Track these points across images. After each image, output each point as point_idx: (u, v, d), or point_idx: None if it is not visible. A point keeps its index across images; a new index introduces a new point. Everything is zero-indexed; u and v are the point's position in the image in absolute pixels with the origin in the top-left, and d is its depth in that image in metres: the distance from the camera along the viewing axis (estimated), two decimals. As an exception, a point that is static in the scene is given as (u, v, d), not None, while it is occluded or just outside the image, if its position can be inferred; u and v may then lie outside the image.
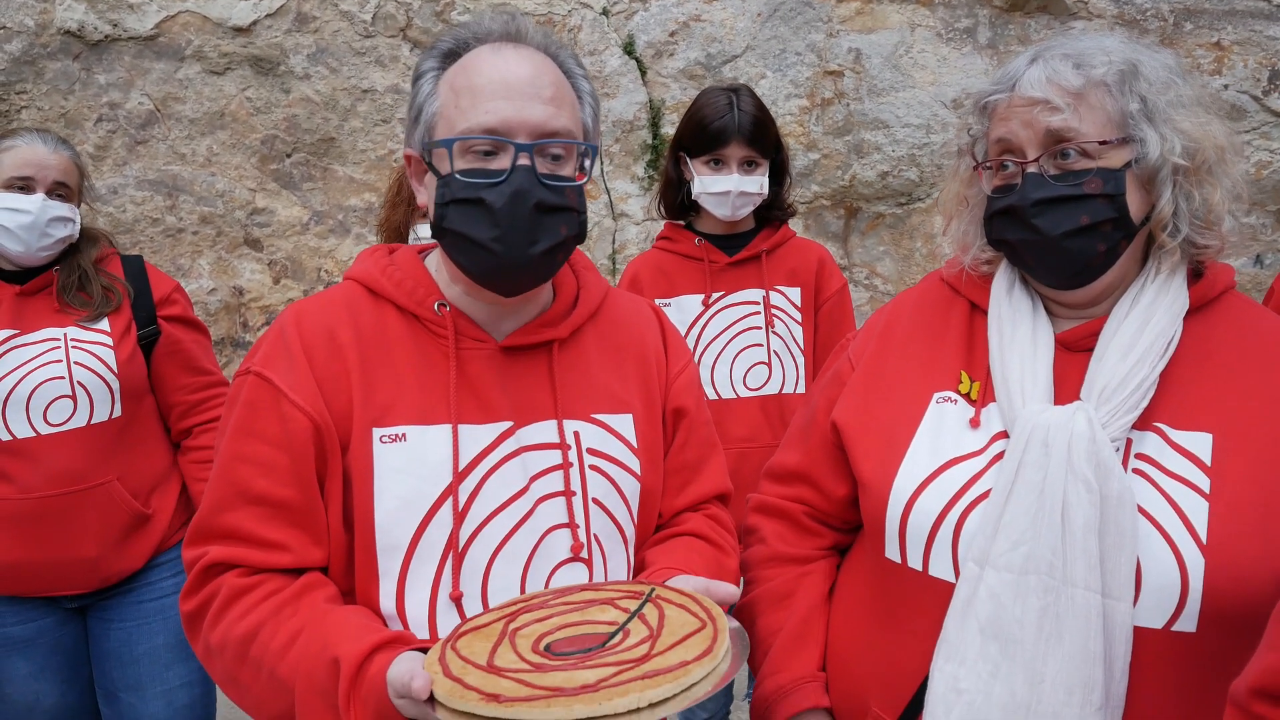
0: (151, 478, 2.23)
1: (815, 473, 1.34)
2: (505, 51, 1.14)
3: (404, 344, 1.16)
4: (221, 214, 4.23)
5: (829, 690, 1.29)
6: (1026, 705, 1.04)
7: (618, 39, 4.85)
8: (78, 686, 2.23)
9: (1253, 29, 4.49)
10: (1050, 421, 1.08)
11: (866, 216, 4.90)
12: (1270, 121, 4.55)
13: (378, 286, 1.19)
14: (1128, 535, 1.03)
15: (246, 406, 1.13)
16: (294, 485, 1.11)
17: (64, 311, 2.13)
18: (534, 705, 0.84)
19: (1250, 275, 4.34)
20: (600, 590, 1.07)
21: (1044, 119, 1.12)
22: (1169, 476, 1.07)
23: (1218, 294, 1.19)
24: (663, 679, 0.86)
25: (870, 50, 4.78)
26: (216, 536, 1.13)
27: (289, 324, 1.16)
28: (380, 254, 1.25)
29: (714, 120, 2.22)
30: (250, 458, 1.12)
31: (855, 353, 1.35)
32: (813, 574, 1.34)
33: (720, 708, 2.49)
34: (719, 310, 2.32)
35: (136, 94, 4.14)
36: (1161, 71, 1.15)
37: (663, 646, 0.91)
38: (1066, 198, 1.12)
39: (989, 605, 1.07)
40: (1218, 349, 1.14)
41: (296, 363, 1.13)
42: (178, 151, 4.21)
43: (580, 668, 0.89)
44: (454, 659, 0.93)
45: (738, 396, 2.31)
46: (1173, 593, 1.02)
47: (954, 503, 1.13)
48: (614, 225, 5.02)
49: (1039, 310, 1.20)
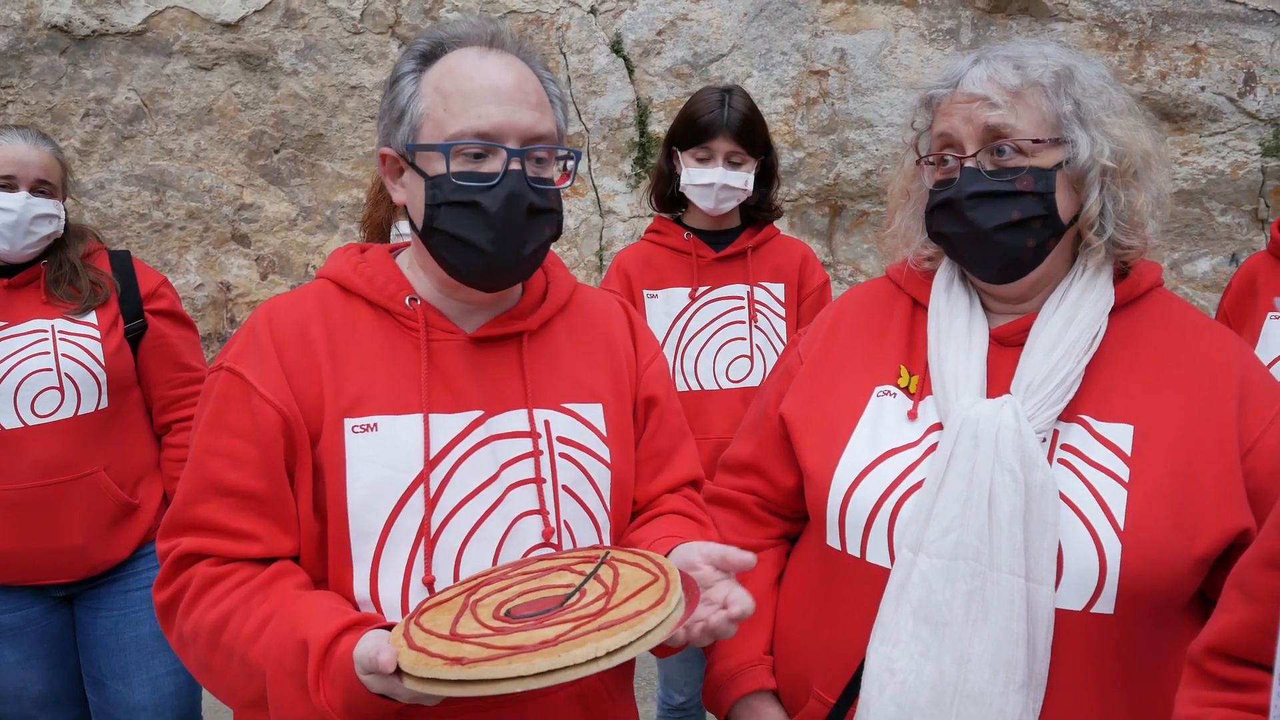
0: (138, 468, 2.26)
1: (765, 464, 1.39)
2: (491, 58, 1.17)
3: (375, 337, 1.19)
4: (209, 209, 4.26)
5: (776, 673, 1.34)
6: (954, 684, 1.09)
7: (605, 37, 4.89)
8: (64, 674, 2.26)
9: (1229, 32, 4.55)
10: (980, 414, 1.14)
11: (851, 214, 4.95)
12: (1246, 123, 4.62)
13: (349, 283, 1.23)
14: (1050, 522, 1.08)
15: (219, 401, 1.17)
16: (264, 477, 1.14)
17: (51, 304, 2.15)
18: (496, 664, 0.88)
19: (1226, 274, 4.40)
20: (556, 558, 1.11)
21: (983, 115, 1.17)
22: (1091, 466, 1.13)
23: (1143, 291, 1.24)
24: (618, 628, 0.90)
25: (855, 50, 4.83)
26: (189, 528, 1.16)
27: (260, 321, 1.20)
28: (352, 252, 1.28)
29: (704, 114, 2.31)
30: (221, 451, 1.15)
31: (804, 347, 1.40)
32: (762, 562, 1.38)
33: (696, 692, 2.54)
34: (705, 304, 2.39)
35: (124, 89, 4.16)
36: (1095, 79, 1.20)
37: (617, 600, 0.96)
38: (999, 193, 1.17)
39: (921, 589, 1.12)
40: (1141, 344, 1.19)
41: (267, 358, 1.16)
42: (165, 147, 4.23)
43: (540, 627, 0.93)
44: (418, 632, 0.96)
45: (720, 388, 2.38)
46: (1091, 576, 1.08)
47: (890, 492, 1.19)
48: (601, 222, 5.06)
49: (975, 307, 1.25)
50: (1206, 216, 4.40)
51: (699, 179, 2.31)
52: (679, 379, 2.38)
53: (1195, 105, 4.32)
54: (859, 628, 1.18)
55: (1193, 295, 4.41)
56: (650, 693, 3.13)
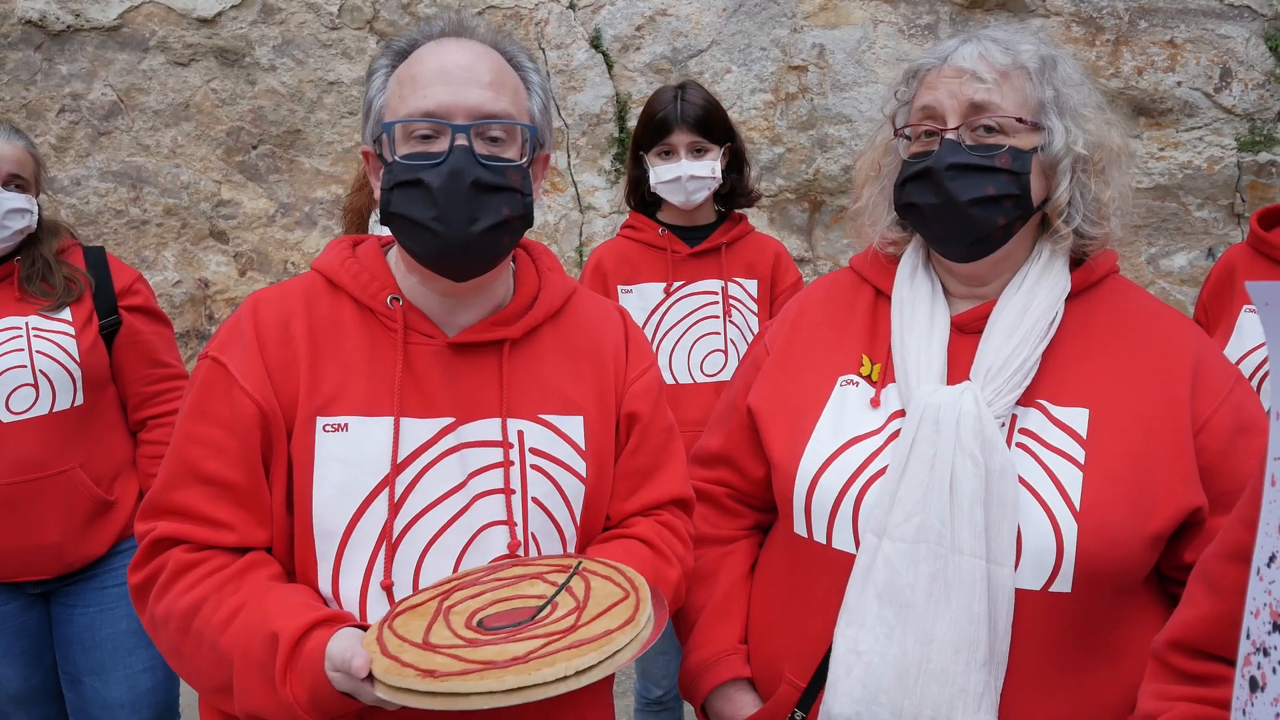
0: (114, 465, 2.25)
1: (735, 455, 1.40)
2: (447, 44, 1.18)
3: (356, 336, 1.19)
4: (186, 206, 4.23)
5: (750, 661, 1.35)
6: (918, 664, 1.11)
7: (584, 33, 4.89)
8: (41, 671, 2.25)
9: (1205, 27, 4.59)
10: (941, 401, 1.15)
11: (830, 210, 4.97)
12: (1222, 118, 4.66)
13: (336, 278, 1.23)
14: (1009, 505, 1.11)
15: (201, 389, 1.18)
16: (241, 468, 1.15)
17: (25, 301, 2.14)
18: (468, 679, 0.89)
19: (1203, 268, 4.44)
20: (530, 565, 1.12)
21: (969, 89, 1.19)
22: (1048, 449, 1.15)
23: (1099, 278, 1.26)
24: (588, 648, 0.92)
25: (834, 45, 4.85)
26: (166, 512, 1.17)
27: (246, 312, 1.21)
28: (344, 246, 1.28)
29: (659, 111, 2.34)
30: (201, 439, 1.16)
31: (770, 339, 1.42)
32: (734, 553, 1.41)
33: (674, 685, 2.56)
34: (679, 299, 2.41)
35: (100, 85, 4.13)
36: (1074, 72, 1.23)
37: (588, 617, 0.97)
38: (978, 166, 1.18)
39: (885, 573, 1.14)
40: (1097, 329, 1.22)
41: (249, 349, 1.17)
42: (142, 143, 4.21)
43: (511, 641, 0.94)
44: (391, 638, 0.97)
45: (694, 382, 2.40)
46: (1049, 556, 1.10)
47: (854, 479, 1.20)
48: (581, 218, 5.06)
49: (938, 295, 1.27)
50: (1183, 211, 4.44)
51: (665, 175, 2.33)
52: None
53: (1172, 100, 4.36)
54: (827, 613, 1.20)
55: (1169, 289, 4.45)
56: (629, 686, 3.14)
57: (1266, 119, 4.68)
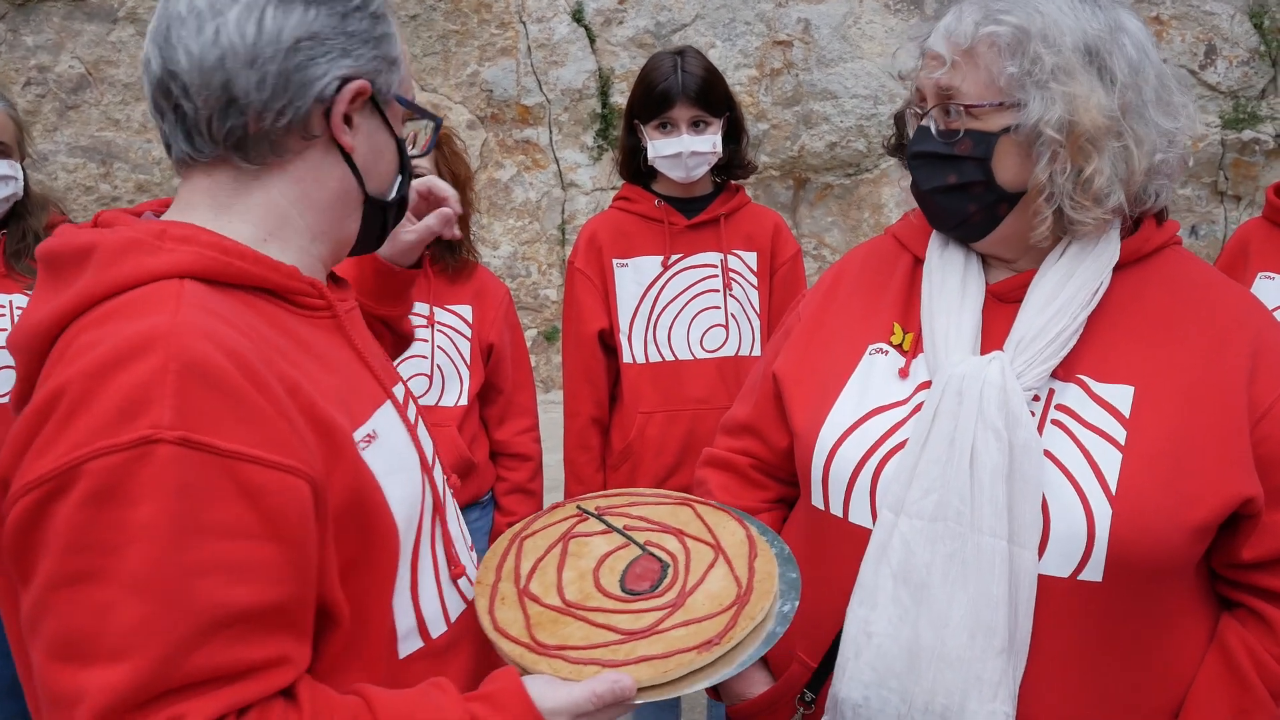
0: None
1: (761, 425, 1.35)
2: None
3: (299, 333, 0.98)
4: (158, 182, 4.13)
5: None
6: (931, 648, 1.07)
7: (566, 6, 4.80)
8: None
9: (1190, 4, 4.57)
10: (966, 371, 1.10)
11: (815, 187, 4.92)
12: (1206, 95, 4.65)
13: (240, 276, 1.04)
14: (1033, 483, 1.05)
15: (182, 496, 0.78)
16: (288, 578, 0.83)
17: (11, 278, 2.08)
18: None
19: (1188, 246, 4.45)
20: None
21: (934, 73, 1.14)
22: (1086, 428, 1.08)
23: (1154, 248, 1.18)
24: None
25: (819, 21, 4.79)
26: (190, 689, 0.79)
27: (210, 359, 0.81)
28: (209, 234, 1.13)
29: (659, 83, 2.25)
30: (212, 565, 0.79)
31: (804, 307, 1.37)
32: None
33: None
34: (678, 272, 2.34)
35: (67, 57, 4.01)
36: (1081, 36, 1.09)
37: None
38: (939, 155, 1.14)
39: (901, 551, 1.09)
40: (1148, 302, 1.15)
41: (252, 407, 0.82)
42: (111, 117, 4.09)
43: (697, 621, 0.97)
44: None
45: (695, 358, 2.34)
46: (1079, 542, 1.04)
47: (873, 450, 1.15)
48: (563, 195, 4.99)
49: (972, 262, 1.21)
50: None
51: (665, 150, 2.26)
52: (651, 349, 2.34)
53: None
54: (842, 589, 1.16)
55: (1154, 266, 4.46)
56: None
57: (1250, 96, 4.68)
